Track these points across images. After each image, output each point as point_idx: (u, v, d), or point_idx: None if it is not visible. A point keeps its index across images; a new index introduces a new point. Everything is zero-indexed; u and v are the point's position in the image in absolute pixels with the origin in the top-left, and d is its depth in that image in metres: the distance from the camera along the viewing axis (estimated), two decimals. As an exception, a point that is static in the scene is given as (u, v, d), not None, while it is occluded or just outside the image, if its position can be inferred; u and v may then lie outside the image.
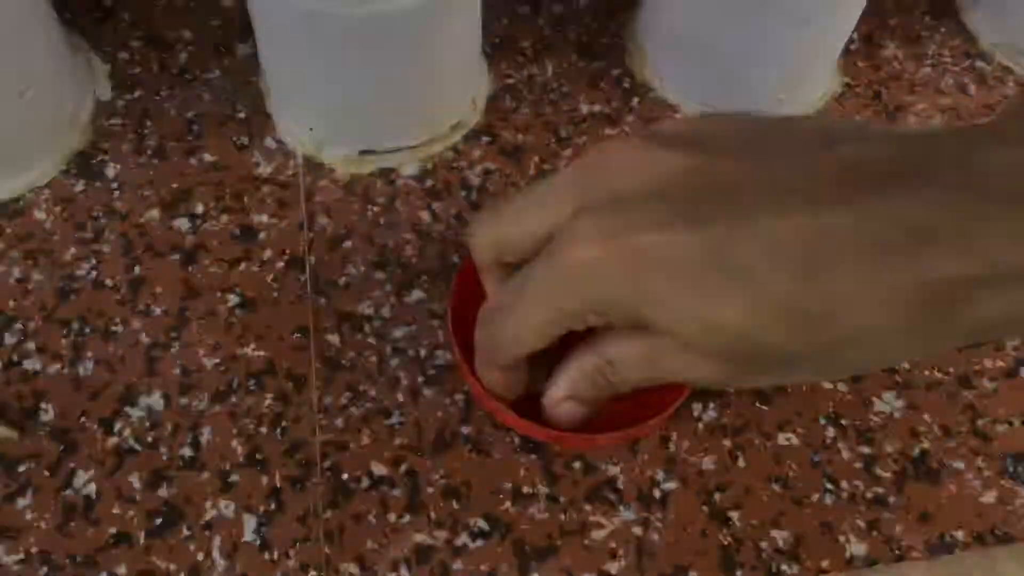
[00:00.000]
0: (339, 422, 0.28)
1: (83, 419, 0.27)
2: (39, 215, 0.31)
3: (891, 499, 0.27)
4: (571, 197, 0.21)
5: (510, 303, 0.22)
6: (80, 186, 0.32)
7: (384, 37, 0.29)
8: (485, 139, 0.35)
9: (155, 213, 0.32)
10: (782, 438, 0.28)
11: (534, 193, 0.22)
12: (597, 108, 0.36)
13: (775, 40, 0.33)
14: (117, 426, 0.27)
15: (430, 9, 0.28)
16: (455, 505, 0.27)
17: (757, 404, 0.29)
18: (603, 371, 0.23)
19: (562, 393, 0.24)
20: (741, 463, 0.28)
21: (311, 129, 0.33)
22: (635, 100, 0.36)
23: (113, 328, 0.29)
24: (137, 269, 0.30)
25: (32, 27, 0.30)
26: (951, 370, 0.30)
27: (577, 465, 0.28)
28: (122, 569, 0.25)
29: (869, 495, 0.27)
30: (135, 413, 0.28)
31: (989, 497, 0.28)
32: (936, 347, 0.18)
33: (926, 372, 0.30)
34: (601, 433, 0.26)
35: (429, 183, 0.33)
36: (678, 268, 0.19)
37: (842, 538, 0.27)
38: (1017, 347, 0.30)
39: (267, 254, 0.31)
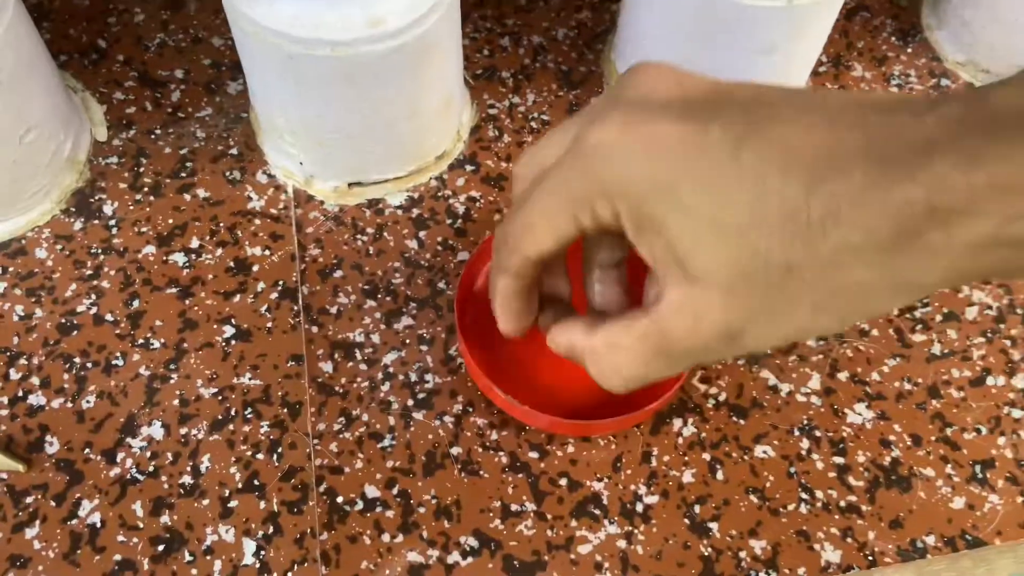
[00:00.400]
0: (333, 447, 0.29)
1: (87, 450, 0.29)
2: (40, 253, 0.33)
3: (864, 507, 0.28)
4: (603, 106, 0.21)
5: (529, 196, 0.22)
6: (79, 224, 0.33)
7: (368, 77, 0.30)
8: (469, 168, 0.36)
9: (152, 248, 0.33)
10: (759, 450, 0.30)
11: (574, 115, 0.23)
12: (576, 135, 0.37)
13: (744, 67, 0.34)
14: (119, 456, 0.28)
15: (412, 49, 0.30)
16: (446, 524, 0.28)
17: (734, 418, 0.30)
18: (605, 361, 0.22)
19: (562, 350, 0.24)
20: (720, 476, 0.29)
21: (301, 163, 0.34)
22: (613, 126, 0.38)
23: (114, 361, 0.30)
24: (136, 303, 0.32)
25: (31, 73, 0.31)
26: (920, 381, 0.31)
27: (563, 482, 0.29)
28: (127, 594, 0.26)
29: (843, 503, 0.29)
30: (136, 443, 0.29)
31: (959, 503, 0.29)
32: (935, 267, 0.18)
33: (895, 383, 0.31)
34: (595, 420, 0.28)
35: (416, 212, 0.35)
36: (692, 158, 0.19)
37: (817, 546, 0.28)
38: (983, 356, 0.32)
39: (261, 286, 0.32)
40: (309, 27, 0.28)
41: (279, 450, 0.29)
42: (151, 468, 0.28)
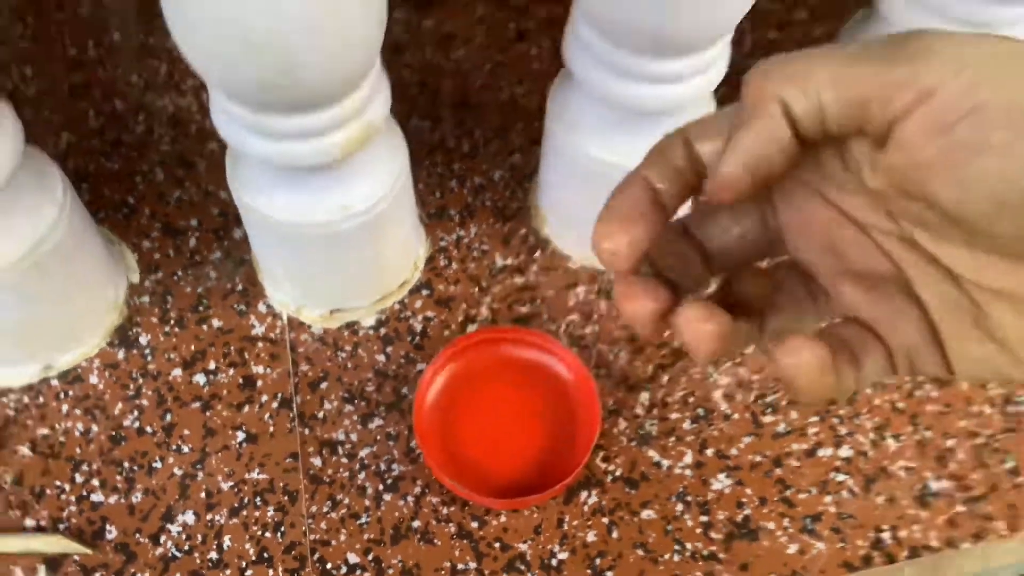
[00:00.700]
0: (323, 524, 0.38)
1: (137, 535, 0.38)
2: (93, 379, 0.42)
3: (721, 555, 0.38)
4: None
5: None
6: (121, 354, 0.43)
7: (344, 242, 0.40)
8: (425, 292, 0.46)
9: (179, 371, 0.42)
10: (645, 514, 0.39)
11: None
12: (509, 261, 0.47)
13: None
14: (162, 539, 0.38)
15: (375, 221, 0.40)
16: (409, 581, 0.37)
17: (627, 489, 0.40)
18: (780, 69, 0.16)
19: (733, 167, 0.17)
20: (615, 535, 0.39)
21: (293, 297, 0.44)
22: (537, 253, 0.48)
23: (154, 464, 0.40)
24: (168, 417, 0.41)
25: (86, 248, 0.41)
26: (768, 453, 0.41)
27: (497, 545, 0.38)
28: (172, 644, 0.35)
29: (706, 552, 0.38)
30: (175, 528, 0.38)
31: (793, 549, 0.38)
32: None
33: (749, 456, 0.41)
34: (524, 496, 0.38)
35: (383, 331, 0.44)
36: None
37: (686, 586, 0.37)
38: (816, 432, 0.41)
39: (264, 398, 0.42)
40: (297, 213, 0.38)
41: (282, 529, 0.38)
42: (186, 547, 0.38)
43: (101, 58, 0.54)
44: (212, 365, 0.43)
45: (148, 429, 0.41)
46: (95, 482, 0.39)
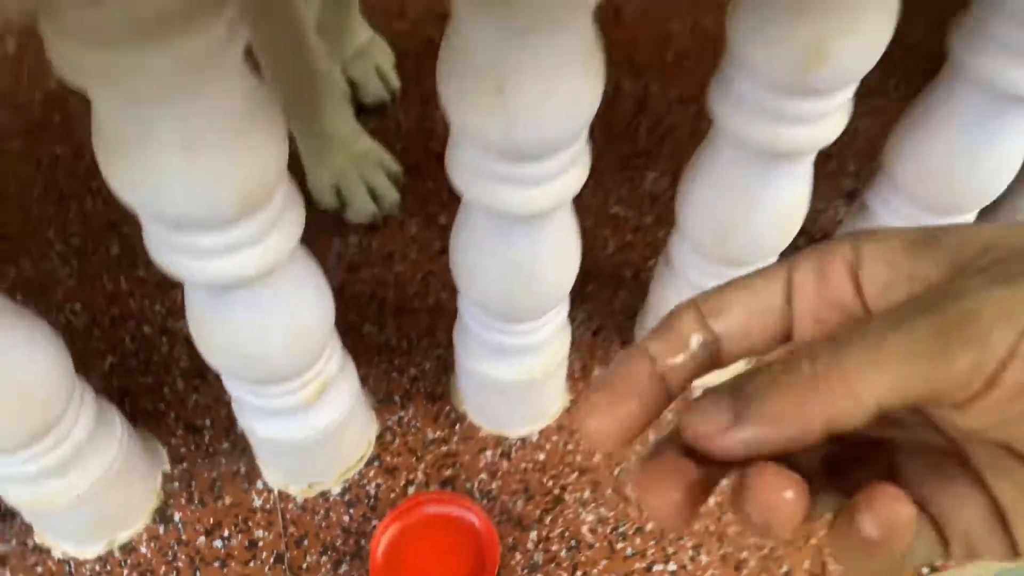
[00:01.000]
0: (309, 647, 0.55)
1: (181, 664, 0.55)
2: (143, 550, 0.59)
3: (584, 649, 0.55)
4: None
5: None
6: (161, 528, 0.60)
7: (315, 446, 0.58)
8: (376, 463, 0.64)
9: (203, 539, 0.60)
10: (532, 623, 0.56)
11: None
12: (437, 434, 0.65)
13: (525, 396, 0.62)
14: (198, 666, 0.55)
15: (335, 429, 0.58)
16: None
17: (520, 605, 0.57)
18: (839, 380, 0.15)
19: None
20: (512, 639, 0.56)
21: (281, 476, 0.62)
22: (458, 426, 0.66)
23: (189, 611, 0.57)
24: (198, 574, 0.58)
25: (134, 458, 0.58)
26: (620, 571, 0.58)
27: (430, 652, 0.55)
28: None
29: (573, 648, 0.55)
30: (207, 657, 0.55)
31: (634, 640, 0.56)
32: None
33: (607, 575, 0.58)
34: None
35: (347, 497, 0.62)
36: None
37: (559, 673, 0.54)
38: (653, 553, 0.59)
39: (264, 554, 0.59)
40: (281, 433, 0.56)
41: (281, 652, 0.55)
42: (215, 670, 0.54)
43: (132, 290, 0.72)
44: (226, 532, 0.60)
45: (184, 585, 0.58)
46: (149, 627, 0.56)
